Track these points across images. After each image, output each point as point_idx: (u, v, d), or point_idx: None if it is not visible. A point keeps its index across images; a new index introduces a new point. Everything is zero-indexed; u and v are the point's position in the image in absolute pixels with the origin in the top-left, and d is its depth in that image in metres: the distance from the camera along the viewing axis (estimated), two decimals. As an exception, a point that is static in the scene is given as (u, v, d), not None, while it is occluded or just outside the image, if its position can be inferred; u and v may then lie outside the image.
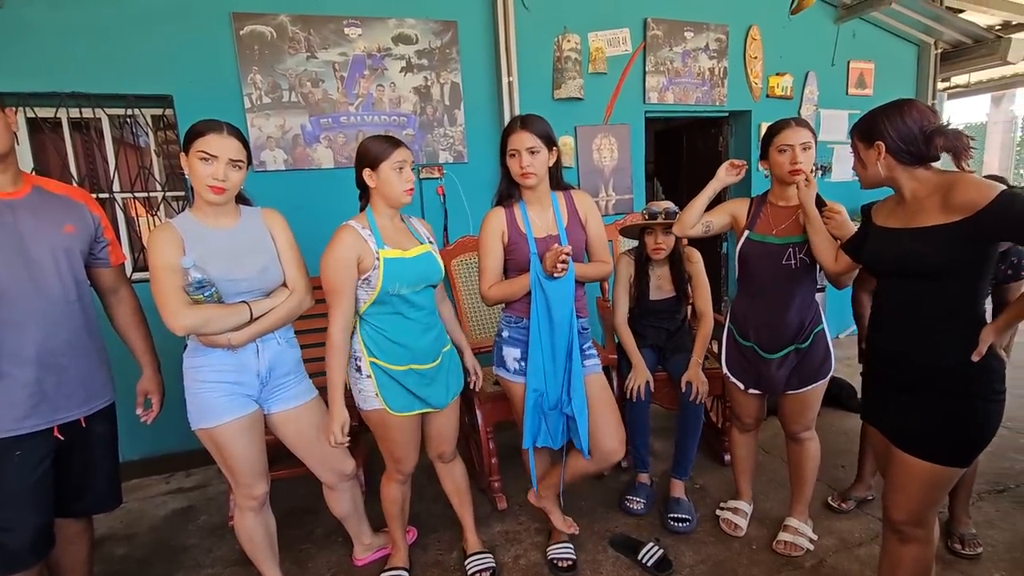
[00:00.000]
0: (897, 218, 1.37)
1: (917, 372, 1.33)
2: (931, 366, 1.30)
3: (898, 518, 1.38)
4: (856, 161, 1.42)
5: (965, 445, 1.30)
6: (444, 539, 2.16)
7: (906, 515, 1.37)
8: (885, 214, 1.43)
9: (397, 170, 1.60)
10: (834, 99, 4.13)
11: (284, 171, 2.92)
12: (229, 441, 1.52)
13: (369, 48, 2.99)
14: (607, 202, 3.60)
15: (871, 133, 1.33)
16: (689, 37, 3.62)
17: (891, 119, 1.30)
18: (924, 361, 1.31)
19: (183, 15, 2.67)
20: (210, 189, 1.44)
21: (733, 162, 1.86)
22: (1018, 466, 2.46)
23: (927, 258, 1.26)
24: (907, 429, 1.34)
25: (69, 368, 1.46)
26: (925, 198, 1.29)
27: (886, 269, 1.40)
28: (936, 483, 1.32)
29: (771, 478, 2.44)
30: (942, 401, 1.29)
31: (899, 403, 1.36)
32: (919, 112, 1.28)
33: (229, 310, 1.46)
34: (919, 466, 1.32)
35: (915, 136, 1.27)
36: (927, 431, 1.31)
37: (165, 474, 2.85)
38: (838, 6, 3.98)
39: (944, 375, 1.29)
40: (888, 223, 1.39)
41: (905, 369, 1.35)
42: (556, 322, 1.68)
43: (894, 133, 1.29)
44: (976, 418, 1.27)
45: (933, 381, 1.30)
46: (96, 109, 2.67)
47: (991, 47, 4.12)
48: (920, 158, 1.29)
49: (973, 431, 1.28)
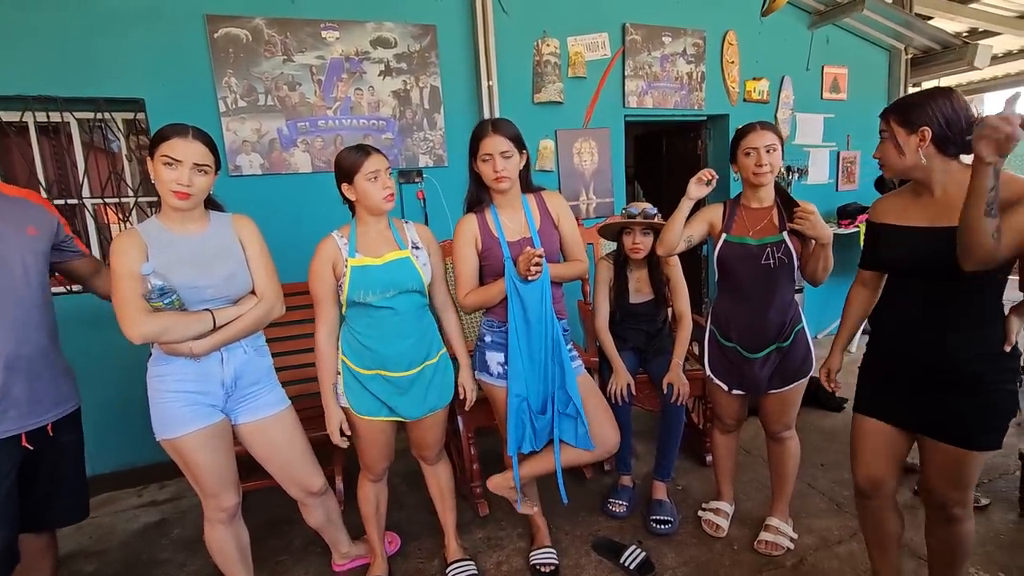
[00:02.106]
0: (922, 215, 1.31)
1: (946, 369, 1.33)
2: (963, 360, 1.30)
3: (946, 503, 1.39)
4: (888, 147, 1.34)
5: (1000, 428, 1.32)
6: (425, 546, 2.13)
7: (953, 500, 1.38)
8: (899, 210, 1.38)
9: (372, 179, 1.58)
10: (809, 103, 4.20)
11: (260, 175, 2.88)
12: (193, 452, 1.48)
13: (347, 51, 2.96)
14: (588, 205, 3.61)
15: (917, 118, 1.26)
16: (667, 42, 3.66)
17: (940, 106, 1.24)
18: (954, 357, 1.31)
19: (154, 17, 2.63)
20: (174, 195, 1.40)
21: (701, 176, 1.77)
22: (991, 461, 2.49)
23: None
24: (945, 423, 1.34)
25: (40, 373, 1.43)
26: (956, 193, 1.23)
27: (912, 269, 1.35)
28: (977, 465, 1.35)
29: (752, 478, 2.45)
30: (974, 392, 1.30)
31: (930, 400, 1.36)
32: (964, 102, 1.24)
33: (191, 318, 1.42)
34: (960, 454, 1.33)
35: (962, 125, 1.23)
36: (966, 422, 1.32)
37: (138, 487, 2.77)
38: (812, 12, 4.06)
39: (974, 367, 1.30)
40: (909, 221, 1.33)
41: (933, 368, 1.34)
42: (534, 325, 1.67)
43: (943, 120, 1.24)
44: (1007, 402, 1.31)
45: (963, 374, 1.31)
46: (64, 113, 2.60)
47: (959, 53, 4.24)
48: (959, 150, 1.25)
49: (1004, 414, 1.32)
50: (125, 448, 2.71)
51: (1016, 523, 2.07)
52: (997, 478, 2.37)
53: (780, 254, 1.79)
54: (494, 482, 1.83)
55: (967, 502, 1.39)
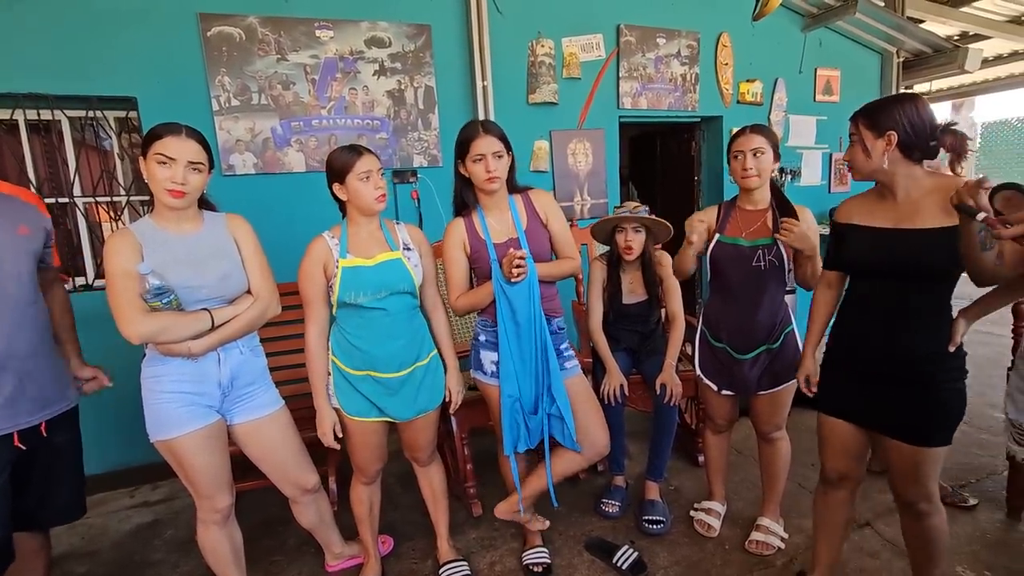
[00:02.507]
0: (886, 217, 1.35)
1: (901, 367, 1.37)
2: (917, 359, 1.35)
3: (911, 499, 1.45)
4: (857, 150, 1.36)
5: (952, 426, 1.37)
6: (419, 547, 2.13)
7: (916, 496, 1.44)
8: (864, 212, 1.41)
9: (364, 179, 1.58)
10: (802, 105, 4.22)
11: (254, 175, 2.87)
12: (189, 453, 1.47)
13: (341, 51, 2.96)
14: (582, 206, 3.62)
15: (884, 122, 1.29)
16: (661, 43, 3.67)
17: (907, 111, 1.27)
18: (908, 357, 1.36)
19: (147, 15, 2.61)
20: (168, 193, 1.40)
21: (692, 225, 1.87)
22: (976, 461, 2.54)
23: (935, 259, 1.26)
24: (901, 422, 1.39)
25: (32, 373, 1.42)
26: (920, 198, 1.29)
27: (875, 269, 1.38)
28: (936, 461, 1.40)
29: (744, 478, 2.47)
30: (927, 391, 1.35)
31: (888, 398, 1.41)
32: (928, 108, 1.28)
33: (189, 318, 1.42)
34: (915, 451, 1.38)
35: (927, 131, 1.26)
36: (922, 420, 1.36)
37: (130, 487, 2.76)
38: (805, 15, 4.09)
39: (925, 366, 1.34)
40: (875, 222, 1.37)
41: (889, 366, 1.39)
42: (522, 325, 1.68)
43: (908, 126, 1.27)
44: (957, 401, 1.35)
45: (916, 373, 1.36)
46: (56, 111, 2.58)
47: (950, 56, 4.27)
48: (923, 155, 1.29)
49: (956, 413, 1.36)
50: (118, 448, 2.70)
51: (1003, 523, 2.09)
52: (985, 478, 2.40)
53: (771, 256, 1.81)
54: (500, 510, 1.86)
55: (931, 497, 1.44)
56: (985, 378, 3.42)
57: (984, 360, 3.82)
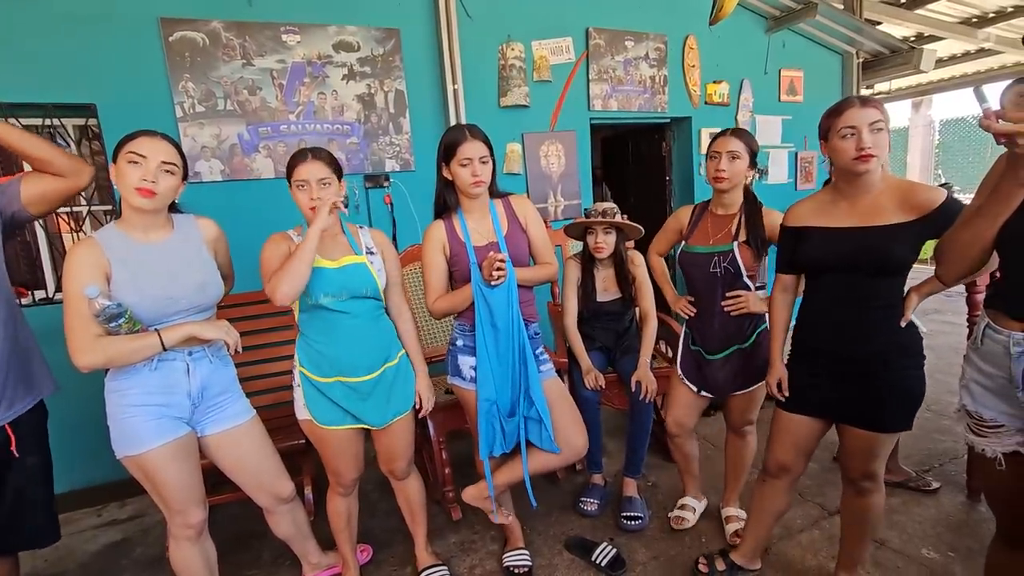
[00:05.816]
0: (846, 218, 1.43)
1: (863, 358, 1.44)
2: (877, 351, 1.42)
3: (857, 477, 1.56)
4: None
5: (912, 411, 1.46)
6: (398, 554, 2.11)
7: (862, 475, 1.55)
8: (820, 214, 1.49)
9: (300, 188, 1.56)
10: (768, 105, 4.33)
11: (221, 182, 2.81)
12: (159, 468, 1.43)
13: (309, 55, 2.92)
14: (556, 208, 3.64)
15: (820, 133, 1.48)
16: (630, 46, 3.73)
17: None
18: (871, 348, 1.43)
19: (105, 19, 2.54)
20: (137, 192, 1.35)
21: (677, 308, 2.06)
22: (940, 446, 2.63)
23: (898, 252, 1.36)
24: (863, 411, 1.46)
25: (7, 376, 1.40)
26: (877, 196, 1.40)
27: (837, 266, 1.45)
28: (890, 444, 1.51)
29: (719, 472, 2.49)
30: (888, 378, 1.42)
31: (849, 390, 1.47)
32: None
33: (136, 344, 1.36)
34: (877, 438, 1.47)
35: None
36: (883, 407, 1.44)
37: (97, 506, 2.67)
38: (768, 18, 4.19)
39: (886, 355, 1.42)
40: (839, 223, 1.44)
41: (851, 359, 1.46)
42: (501, 329, 1.68)
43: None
44: (919, 385, 1.44)
45: (878, 363, 1.42)
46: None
47: (906, 57, 4.43)
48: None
49: (916, 398, 1.45)
50: (83, 466, 2.61)
51: (964, 505, 2.17)
52: (947, 462, 2.48)
53: (726, 263, 1.84)
54: (469, 494, 1.83)
55: (877, 476, 1.55)
56: (946, 366, 3.55)
57: (946, 348, 3.96)
